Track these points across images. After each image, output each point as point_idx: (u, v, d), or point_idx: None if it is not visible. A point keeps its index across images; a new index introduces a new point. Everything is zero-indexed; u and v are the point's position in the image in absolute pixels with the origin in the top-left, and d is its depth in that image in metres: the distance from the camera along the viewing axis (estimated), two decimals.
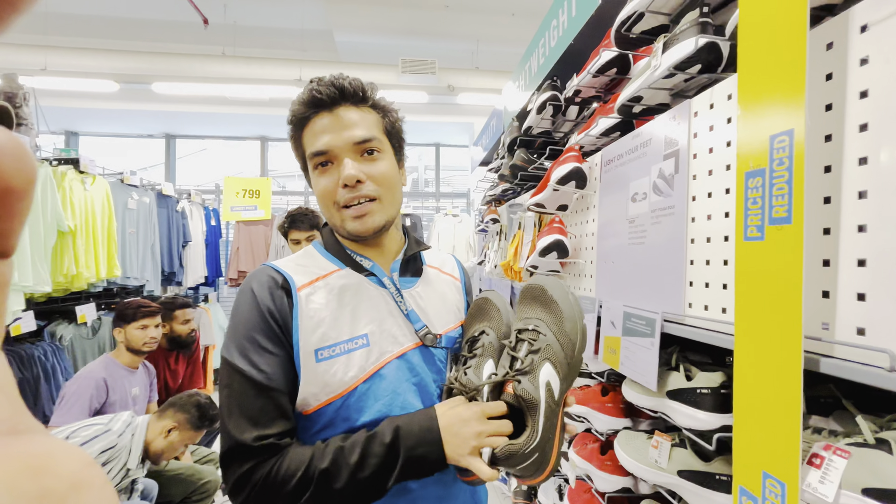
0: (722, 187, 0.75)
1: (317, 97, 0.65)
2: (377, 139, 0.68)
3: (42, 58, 4.09)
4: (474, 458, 0.58)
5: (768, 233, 0.58)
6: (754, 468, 0.59)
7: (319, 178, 0.67)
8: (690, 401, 0.80)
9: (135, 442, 1.57)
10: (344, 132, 0.65)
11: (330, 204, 0.67)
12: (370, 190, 0.66)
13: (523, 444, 0.60)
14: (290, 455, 0.58)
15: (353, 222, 0.66)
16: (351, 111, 0.66)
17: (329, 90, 0.65)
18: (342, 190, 0.65)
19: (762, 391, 0.58)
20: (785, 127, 0.56)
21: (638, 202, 1.00)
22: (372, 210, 0.67)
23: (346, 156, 0.65)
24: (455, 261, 0.88)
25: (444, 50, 5.06)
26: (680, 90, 0.96)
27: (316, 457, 0.58)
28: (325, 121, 0.66)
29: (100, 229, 2.93)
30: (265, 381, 0.60)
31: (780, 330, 0.55)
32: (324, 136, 0.65)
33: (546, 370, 0.61)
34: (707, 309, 0.77)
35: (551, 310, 0.66)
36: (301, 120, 0.67)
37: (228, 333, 0.63)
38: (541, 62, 1.70)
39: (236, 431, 0.58)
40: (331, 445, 0.60)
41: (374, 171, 0.67)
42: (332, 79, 0.66)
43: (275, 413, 0.60)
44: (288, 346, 0.63)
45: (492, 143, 2.77)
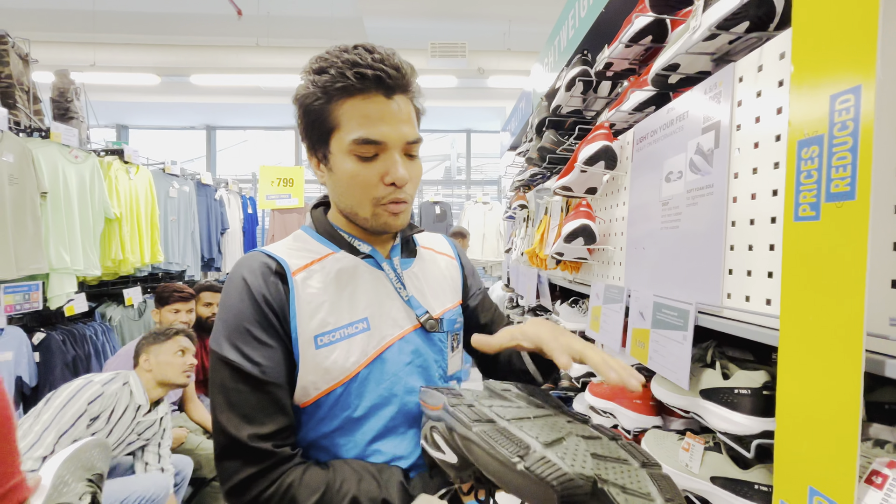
0: (770, 161, 0.65)
1: (382, 78, 0.57)
2: (420, 139, 0.64)
3: (91, 54, 4.32)
4: None
5: (825, 211, 0.49)
6: (799, 482, 0.52)
7: (359, 166, 0.60)
8: (727, 402, 0.72)
9: (132, 388, 1.58)
10: (401, 127, 0.60)
11: (364, 197, 0.62)
12: (409, 191, 0.64)
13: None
14: (304, 482, 0.55)
15: (389, 217, 0.63)
16: (404, 103, 0.61)
17: (395, 74, 0.58)
18: (385, 187, 0.61)
19: (812, 394, 0.50)
20: (850, 84, 0.47)
21: (672, 182, 0.91)
22: (405, 210, 0.65)
23: (397, 153, 0.60)
24: (445, 239, 0.84)
25: (474, 32, 4.93)
26: (723, 54, 0.85)
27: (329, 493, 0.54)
28: (382, 107, 0.58)
29: (143, 217, 3.08)
30: (260, 374, 0.56)
31: (836, 325, 0.47)
32: (381, 125, 0.58)
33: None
34: (748, 300, 0.68)
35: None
36: (343, 90, 0.57)
37: (217, 325, 0.60)
38: (570, 35, 1.59)
39: (231, 428, 0.55)
40: (345, 488, 0.55)
41: (413, 174, 0.64)
42: (395, 62, 0.58)
43: (272, 409, 0.56)
44: (285, 335, 0.59)
45: (520, 127, 2.66)
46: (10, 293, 2.08)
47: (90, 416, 1.45)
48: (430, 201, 4.98)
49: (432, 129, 7.50)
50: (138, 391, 1.61)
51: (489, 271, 4.92)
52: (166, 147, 7.20)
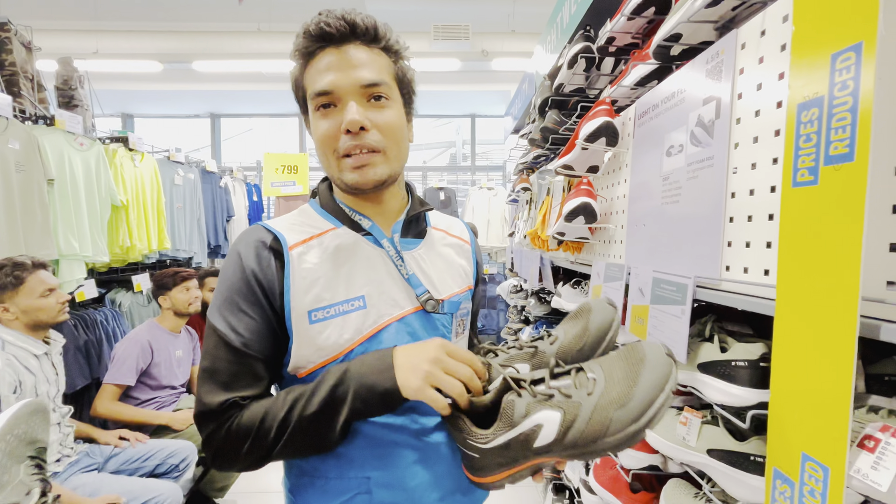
0: (770, 129, 0.64)
1: (325, 30, 0.58)
2: (386, 84, 0.61)
3: (93, 42, 4.31)
4: (427, 389, 0.52)
5: (823, 175, 0.48)
6: (792, 448, 0.52)
7: (320, 120, 0.61)
8: (724, 374, 0.72)
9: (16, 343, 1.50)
10: (351, 72, 0.59)
11: (329, 151, 0.62)
12: (374, 140, 0.60)
13: (472, 436, 0.54)
14: (247, 409, 0.57)
15: (351, 173, 0.61)
16: (361, 50, 0.60)
17: (339, 23, 0.59)
18: (344, 136, 0.60)
19: (806, 360, 0.50)
20: (851, 41, 0.45)
21: (673, 156, 0.90)
22: (374, 162, 0.61)
23: (352, 98, 0.59)
24: (464, 225, 0.82)
25: (478, 13, 4.83)
26: (727, 21, 0.83)
27: (275, 406, 0.57)
28: (332, 58, 0.59)
29: (150, 204, 3.10)
30: (241, 345, 0.58)
31: (831, 290, 0.46)
32: (329, 74, 0.59)
33: (550, 416, 0.50)
34: (747, 272, 0.68)
35: (625, 384, 0.50)
36: (305, 55, 0.61)
37: (214, 295, 0.62)
38: (572, 11, 1.56)
39: (206, 397, 0.58)
40: (291, 393, 0.57)
41: (379, 120, 0.61)
42: (343, 12, 0.60)
43: (248, 379, 0.59)
44: (271, 310, 0.60)
45: (523, 110, 2.63)
46: None
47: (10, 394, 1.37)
48: (434, 187, 4.96)
49: (436, 115, 7.42)
50: (25, 341, 1.52)
51: (494, 257, 4.91)
52: (171, 136, 7.21)
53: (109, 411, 1.91)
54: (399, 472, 0.61)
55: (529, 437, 0.51)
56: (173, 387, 2.15)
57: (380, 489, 0.60)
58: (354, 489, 0.60)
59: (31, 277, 1.58)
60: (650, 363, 0.50)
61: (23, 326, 1.57)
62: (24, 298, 1.55)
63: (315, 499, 0.62)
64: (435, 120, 7.73)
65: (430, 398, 0.53)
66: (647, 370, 0.50)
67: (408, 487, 0.61)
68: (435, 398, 0.52)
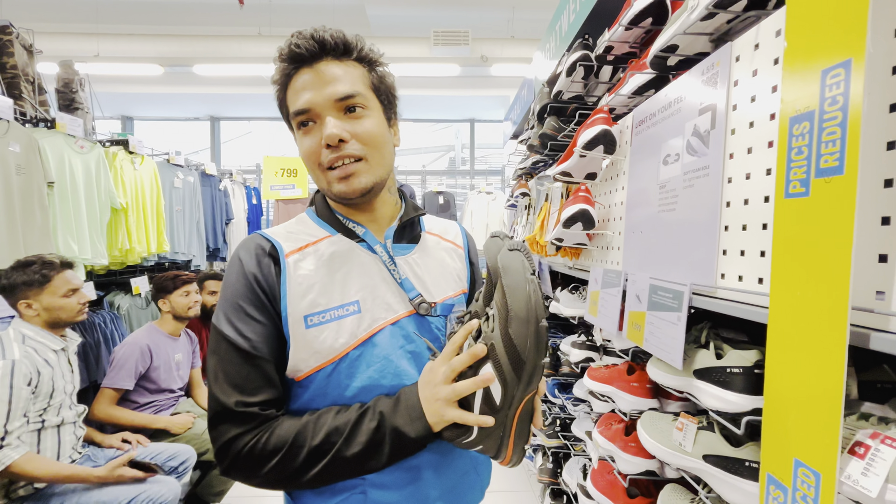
0: (764, 141, 0.65)
1: (296, 52, 0.61)
2: (361, 94, 0.63)
3: (94, 45, 4.33)
4: (451, 410, 0.56)
5: (814, 187, 0.50)
6: (785, 455, 0.53)
7: (303, 138, 0.64)
8: (719, 380, 0.73)
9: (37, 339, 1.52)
10: (325, 88, 0.61)
11: (315, 166, 0.64)
12: (355, 149, 0.62)
13: (459, 434, 0.58)
14: (278, 429, 0.59)
15: (338, 184, 0.63)
16: (333, 66, 0.62)
17: (308, 43, 0.61)
18: (325, 150, 0.62)
19: (798, 367, 0.51)
20: (840, 58, 0.47)
21: (670, 165, 0.91)
22: (358, 170, 0.63)
23: (328, 114, 0.61)
24: (459, 228, 0.83)
25: (477, 19, 4.87)
26: (722, 34, 0.84)
27: (305, 432, 0.58)
28: (306, 77, 0.62)
29: (149, 207, 3.10)
30: (250, 348, 0.60)
31: (822, 299, 0.47)
32: (304, 93, 0.61)
33: (487, 371, 0.55)
34: (741, 280, 0.69)
35: (502, 300, 0.55)
36: (283, 77, 0.63)
37: (219, 301, 0.63)
38: (571, 20, 1.58)
39: (222, 396, 0.59)
40: (322, 420, 0.59)
41: (358, 130, 0.63)
42: (312, 31, 0.61)
43: (259, 381, 0.60)
44: (275, 314, 0.62)
45: (522, 115, 2.65)
46: None
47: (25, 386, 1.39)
48: (433, 191, 4.98)
49: (436, 119, 7.46)
50: (45, 336, 1.55)
51: None
52: (171, 139, 7.23)
53: (108, 415, 1.90)
54: (394, 473, 0.62)
55: (490, 400, 0.55)
56: (172, 390, 2.15)
57: (375, 489, 0.62)
58: (350, 489, 0.62)
59: (58, 277, 1.61)
60: (505, 269, 0.55)
61: (42, 323, 1.59)
62: (48, 297, 1.58)
63: (312, 499, 0.64)
64: (434, 124, 7.77)
65: (460, 418, 0.56)
66: (506, 276, 0.55)
67: (402, 488, 0.62)
68: (462, 416, 0.56)
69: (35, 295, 1.56)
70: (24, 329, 1.55)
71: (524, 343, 0.53)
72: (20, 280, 1.56)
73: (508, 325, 0.53)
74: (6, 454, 1.33)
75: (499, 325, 0.54)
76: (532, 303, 0.53)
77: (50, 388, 1.49)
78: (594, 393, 1.30)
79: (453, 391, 0.56)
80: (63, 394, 1.56)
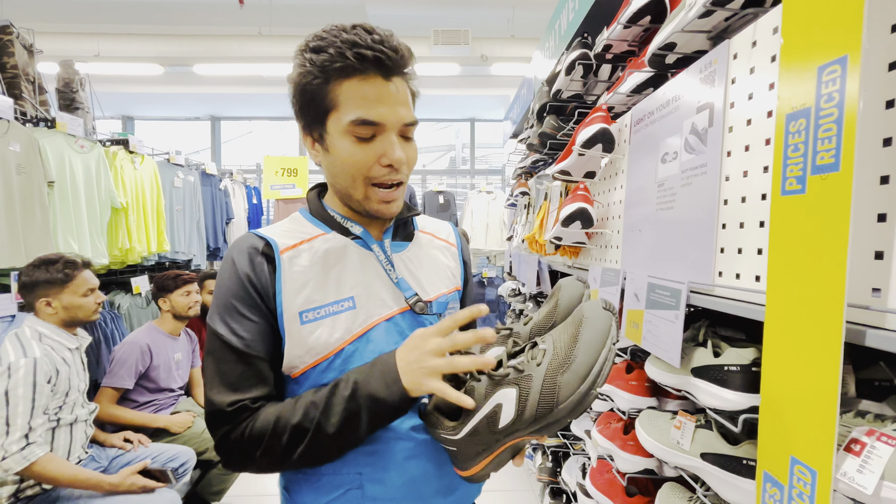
0: (761, 138, 0.65)
1: (382, 59, 0.57)
2: (416, 122, 0.64)
3: (95, 44, 4.33)
4: (435, 383, 0.53)
5: (810, 184, 0.49)
6: (781, 452, 0.53)
7: (354, 147, 0.61)
8: (716, 378, 0.73)
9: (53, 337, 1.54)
10: (399, 109, 0.60)
11: (359, 177, 0.62)
12: (404, 175, 0.64)
13: (444, 429, 0.56)
14: (261, 414, 0.59)
15: (381, 205, 0.64)
16: (402, 85, 0.61)
17: (394, 56, 0.58)
18: (382, 168, 0.62)
19: (794, 364, 0.51)
20: (837, 54, 0.46)
21: (668, 163, 0.91)
22: (398, 196, 0.65)
23: (394, 134, 0.61)
24: (451, 228, 0.84)
25: (477, 18, 4.87)
26: (720, 32, 0.84)
27: (285, 413, 0.58)
28: (380, 89, 0.59)
29: (149, 206, 3.11)
30: (243, 347, 0.60)
31: (818, 296, 0.47)
32: (380, 106, 0.59)
33: (507, 394, 0.52)
34: (739, 277, 0.69)
35: (570, 346, 0.51)
36: (341, 70, 0.57)
37: (213, 301, 0.64)
38: (570, 18, 1.58)
39: (216, 397, 0.59)
40: (301, 399, 0.59)
41: (410, 155, 0.64)
42: (394, 44, 0.59)
43: (254, 379, 0.60)
44: (268, 312, 0.62)
45: (522, 114, 2.65)
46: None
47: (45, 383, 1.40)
48: (433, 191, 4.97)
49: (436, 119, 7.45)
50: (60, 335, 1.56)
51: (493, 261, 4.92)
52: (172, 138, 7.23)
53: (108, 414, 1.91)
54: (390, 468, 0.62)
55: (493, 418, 0.53)
56: (171, 389, 2.15)
57: (372, 484, 0.62)
58: (347, 485, 0.62)
59: (79, 276, 1.62)
60: (588, 321, 0.52)
61: (59, 322, 1.60)
62: (69, 295, 1.59)
63: (309, 495, 0.64)
64: (434, 123, 7.76)
65: (440, 391, 0.53)
66: (586, 329, 0.51)
67: (399, 483, 0.62)
68: (443, 389, 0.53)
69: (56, 293, 1.57)
70: (40, 327, 1.55)
71: (566, 396, 0.50)
72: (42, 278, 1.57)
73: (562, 372, 0.50)
74: (32, 451, 1.35)
75: (548, 366, 0.51)
76: (599, 368, 0.50)
77: (67, 386, 1.50)
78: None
79: (450, 363, 0.53)
80: (77, 392, 1.57)
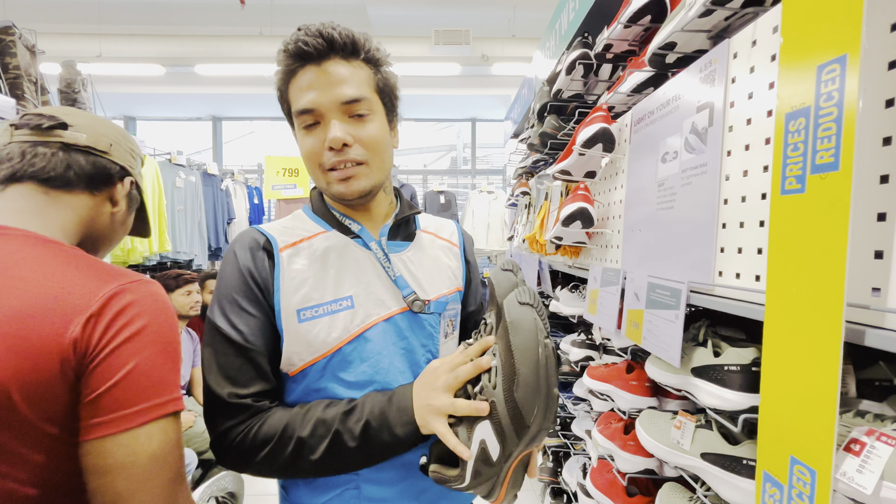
0: (761, 137, 0.65)
1: (303, 49, 0.59)
2: (367, 99, 0.62)
3: (97, 45, 4.34)
4: (439, 422, 0.55)
5: (810, 183, 0.49)
6: (781, 452, 0.52)
7: (305, 137, 0.63)
8: (716, 378, 0.72)
9: None
10: (332, 90, 0.60)
11: (315, 166, 0.64)
12: (357, 154, 0.62)
13: (452, 478, 0.55)
14: (269, 419, 0.59)
15: (338, 185, 0.63)
16: (340, 66, 0.61)
17: (316, 41, 0.59)
18: (328, 152, 0.62)
19: (793, 364, 0.50)
20: (836, 53, 0.46)
21: (668, 163, 0.91)
22: (358, 174, 0.63)
23: (333, 116, 0.61)
24: (455, 226, 0.83)
25: (478, 18, 4.87)
26: (720, 31, 0.84)
27: (294, 423, 0.58)
28: (312, 75, 0.60)
29: (151, 206, 3.12)
30: (242, 341, 0.60)
31: (817, 296, 0.47)
32: (310, 92, 0.60)
33: (484, 428, 0.52)
34: (739, 277, 0.69)
35: (509, 360, 0.50)
36: (286, 72, 0.62)
37: (214, 294, 0.64)
38: (571, 18, 1.58)
39: (216, 387, 0.59)
40: (311, 413, 0.59)
41: (362, 134, 0.62)
42: (320, 27, 0.60)
43: (252, 373, 0.60)
44: (268, 307, 0.62)
45: (523, 114, 2.64)
46: None
47: None
48: (434, 191, 4.98)
49: (437, 119, 7.46)
50: None
51: (494, 261, 4.92)
52: (173, 139, 7.24)
53: None
54: (387, 468, 0.62)
55: (485, 454, 0.52)
56: None
57: (368, 485, 0.62)
58: (344, 484, 0.62)
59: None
60: (513, 325, 0.50)
61: None
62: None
63: (306, 494, 0.64)
64: (436, 123, 7.76)
65: (442, 435, 0.55)
66: (514, 334, 0.49)
67: (395, 483, 0.62)
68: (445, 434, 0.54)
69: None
70: None
71: (531, 410, 0.49)
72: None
73: (515, 389, 0.49)
74: None
75: (502, 385, 0.50)
76: (544, 371, 0.49)
77: None
78: (594, 392, 1.30)
79: (452, 405, 0.54)
80: None
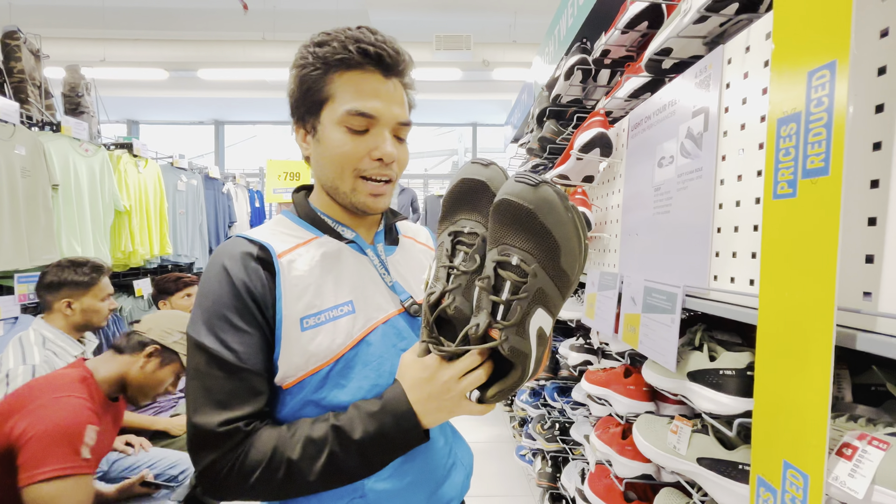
0: (755, 142, 0.66)
1: (383, 57, 0.59)
2: (410, 124, 0.66)
3: (101, 50, 4.38)
4: (465, 404, 0.55)
5: (801, 188, 0.50)
6: (774, 457, 0.52)
7: (346, 137, 0.61)
8: (712, 383, 0.72)
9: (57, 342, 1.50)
10: (394, 107, 0.62)
11: (348, 169, 0.62)
12: (393, 173, 0.65)
13: (513, 384, 0.54)
14: (255, 444, 0.55)
15: (367, 198, 0.64)
16: (399, 87, 0.64)
17: (396, 57, 0.61)
18: (371, 161, 0.62)
19: (786, 369, 0.51)
20: (825, 59, 0.47)
21: (664, 167, 0.91)
22: (387, 192, 0.66)
23: (388, 130, 0.63)
24: (427, 231, 0.85)
25: (479, 24, 4.90)
26: (716, 37, 0.85)
27: (282, 445, 0.55)
28: (379, 85, 0.61)
29: (152, 209, 3.13)
30: (236, 361, 0.56)
31: (808, 300, 0.47)
32: (374, 100, 0.60)
33: (538, 317, 0.51)
34: (733, 281, 0.69)
35: (543, 242, 0.49)
36: (345, 62, 0.59)
37: (195, 311, 0.59)
38: (569, 24, 1.59)
39: (201, 418, 0.55)
40: (299, 434, 0.56)
41: (401, 156, 0.65)
42: (395, 46, 0.62)
43: (246, 395, 0.57)
44: (264, 322, 0.59)
45: (523, 119, 2.66)
46: (23, 283, 2.14)
47: None
48: (435, 195, 4.99)
49: (438, 123, 7.49)
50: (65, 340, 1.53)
51: None
52: (176, 142, 7.29)
53: None
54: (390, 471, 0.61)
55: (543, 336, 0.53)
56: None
57: (374, 493, 0.61)
58: (349, 495, 0.60)
59: (102, 281, 1.64)
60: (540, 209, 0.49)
61: (69, 325, 1.58)
62: (90, 299, 1.59)
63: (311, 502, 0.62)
64: (437, 128, 7.80)
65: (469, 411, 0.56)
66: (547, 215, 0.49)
67: (399, 486, 0.62)
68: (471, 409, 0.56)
69: (79, 295, 1.57)
70: (45, 331, 1.53)
71: (573, 268, 0.52)
72: (70, 279, 1.56)
73: (559, 260, 0.50)
74: None
75: (542, 267, 0.50)
76: (580, 232, 0.51)
77: None
78: (592, 396, 1.30)
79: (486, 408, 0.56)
80: None
